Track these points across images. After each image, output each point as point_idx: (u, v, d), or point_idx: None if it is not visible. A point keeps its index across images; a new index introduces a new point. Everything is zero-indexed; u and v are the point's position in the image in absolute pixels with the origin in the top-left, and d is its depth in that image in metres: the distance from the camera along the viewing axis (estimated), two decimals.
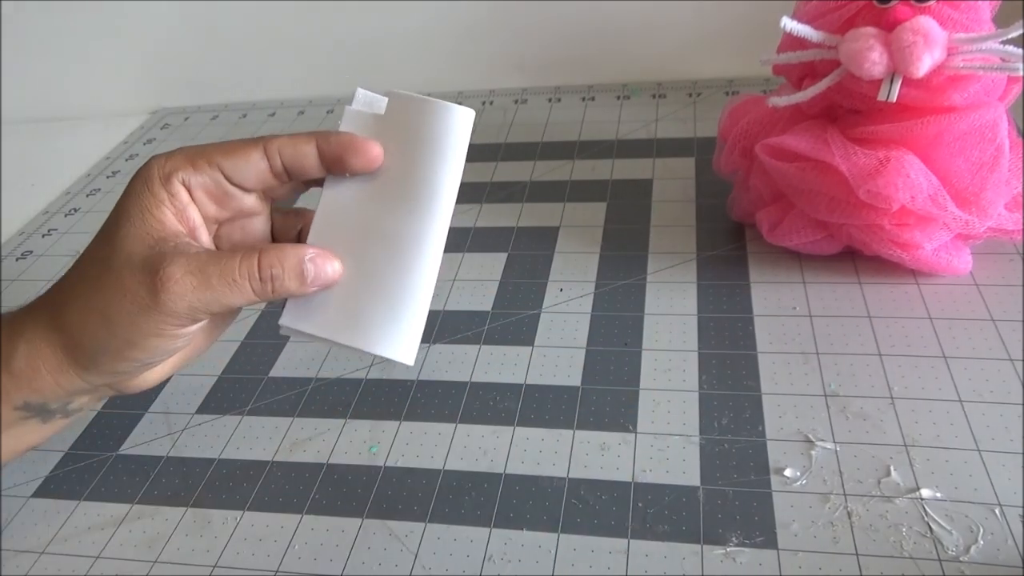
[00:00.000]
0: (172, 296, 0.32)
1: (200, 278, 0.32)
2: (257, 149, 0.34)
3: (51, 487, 0.47)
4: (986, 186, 0.46)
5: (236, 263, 0.33)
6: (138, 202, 0.33)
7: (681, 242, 0.57)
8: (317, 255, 0.35)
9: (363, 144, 0.35)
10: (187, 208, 0.34)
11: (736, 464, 0.41)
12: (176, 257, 0.32)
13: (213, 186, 0.35)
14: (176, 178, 0.34)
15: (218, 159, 0.34)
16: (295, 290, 0.34)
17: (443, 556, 0.39)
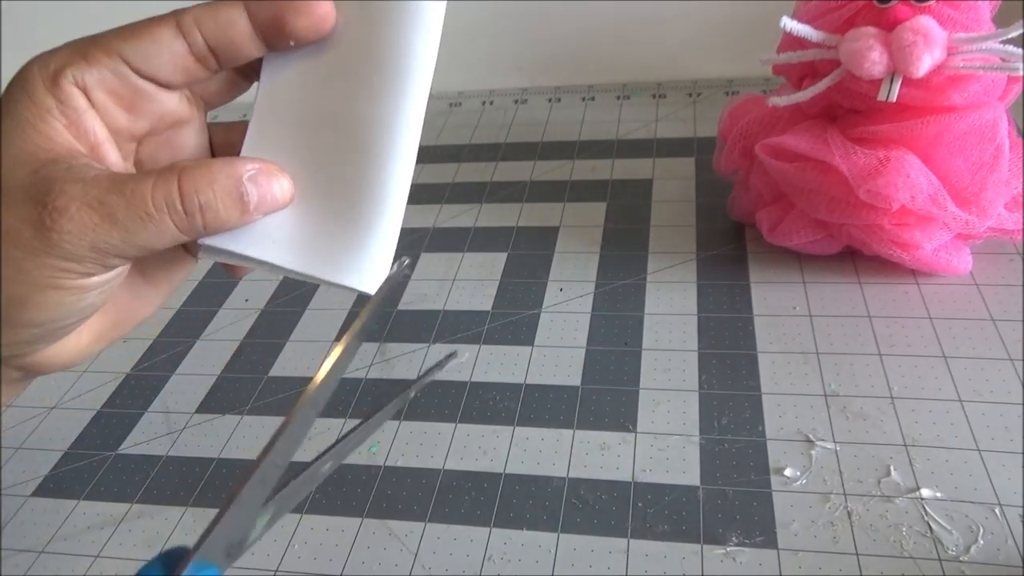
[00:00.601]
0: (67, 235, 0.24)
1: (101, 211, 0.24)
2: (167, 26, 0.26)
3: (51, 486, 0.47)
4: (986, 186, 0.46)
5: (148, 189, 0.25)
6: (15, 115, 0.25)
7: (681, 242, 0.57)
8: (259, 171, 0.27)
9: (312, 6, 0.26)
10: (84, 117, 0.26)
11: (736, 464, 0.41)
12: (69, 183, 0.24)
13: (117, 83, 0.26)
14: (65, 77, 0.25)
15: (118, 46, 0.26)
16: (234, 221, 0.26)
17: (443, 556, 0.39)
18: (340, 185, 0.27)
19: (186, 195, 0.25)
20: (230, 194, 0.26)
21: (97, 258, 0.25)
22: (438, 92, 0.85)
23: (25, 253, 0.24)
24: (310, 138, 0.28)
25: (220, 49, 0.26)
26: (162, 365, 0.54)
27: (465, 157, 0.72)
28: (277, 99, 0.28)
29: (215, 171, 0.26)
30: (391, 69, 0.27)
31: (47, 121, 0.25)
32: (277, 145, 0.28)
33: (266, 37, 0.27)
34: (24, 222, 0.24)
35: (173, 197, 0.25)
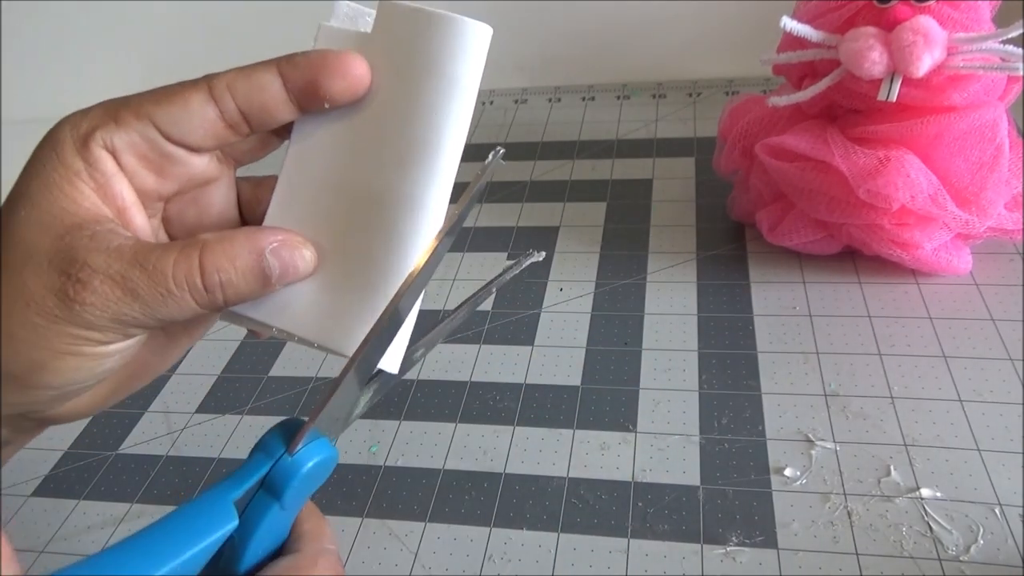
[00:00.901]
0: (89, 306, 0.24)
1: (124, 286, 0.24)
2: (199, 91, 0.26)
3: (51, 486, 0.47)
4: (986, 186, 0.46)
5: (169, 266, 0.24)
6: (44, 176, 0.25)
7: (681, 242, 0.57)
8: (281, 243, 0.26)
9: (342, 61, 0.26)
10: (112, 180, 0.25)
11: (736, 464, 0.41)
12: (93, 254, 0.24)
13: (147, 147, 0.26)
14: (95, 140, 0.25)
15: (149, 110, 0.25)
16: (255, 294, 0.26)
17: (443, 555, 0.39)
18: (364, 259, 0.27)
19: (207, 273, 0.25)
20: (252, 270, 0.25)
21: (118, 328, 0.25)
22: None
23: (47, 320, 0.24)
24: (336, 206, 0.27)
25: (252, 114, 0.26)
26: None
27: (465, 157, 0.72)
28: (306, 162, 0.28)
29: (237, 246, 0.25)
30: (422, 141, 0.26)
31: (75, 184, 0.25)
32: (304, 211, 0.27)
33: (300, 100, 0.26)
34: (47, 290, 0.24)
35: (194, 275, 0.25)
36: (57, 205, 0.25)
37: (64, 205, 0.25)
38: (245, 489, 0.24)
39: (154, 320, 0.25)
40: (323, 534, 0.27)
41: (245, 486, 0.24)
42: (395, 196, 0.27)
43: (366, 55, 0.27)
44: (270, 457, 0.24)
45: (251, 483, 0.24)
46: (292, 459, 0.24)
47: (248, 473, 0.25)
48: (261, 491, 0.24)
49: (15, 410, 0.26)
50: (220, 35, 0.87)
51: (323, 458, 0.25)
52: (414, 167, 0.27)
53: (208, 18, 0.86)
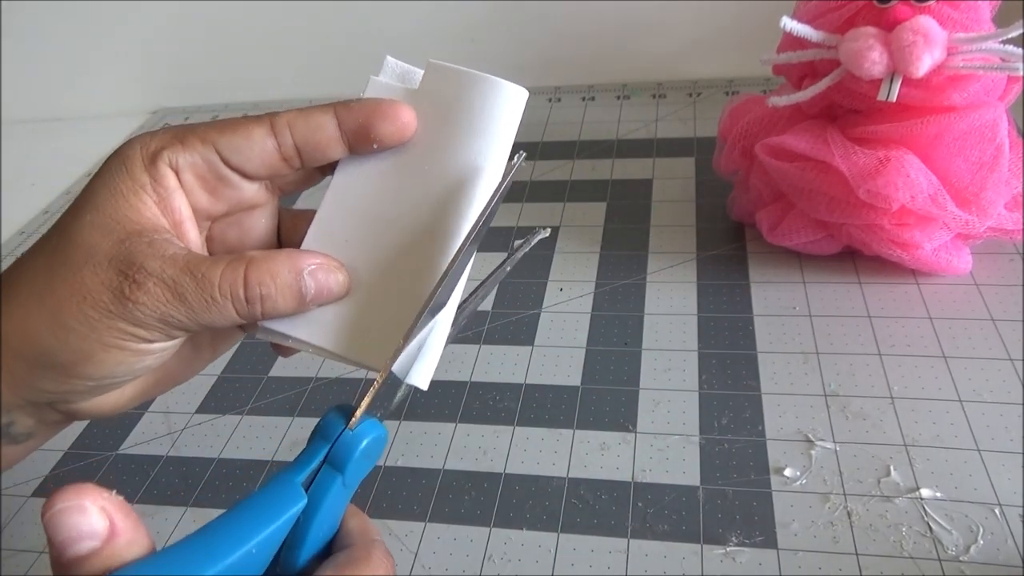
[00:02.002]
0: (141, 305, 0.26)
1: (174, 290, 0.26)
2: (262, 125, 0.29)
3: (51, 486, 0.47)
4: (986, 186, 0.46)
5: (217, 276, 0.27)
6: (112, 185, 0.27)
7: (681, 242, 0.57)
8: (319, 267, 0.29)
9: (392, 108, 0.29)
10: (173, 196, 0.28)
11: (736, 464, 0.41)
12: (150, 259, 0.26)
13: (206, 169, 0.29)
14: (162, 159, 0.28)
15: (213, 137, 0.28)
16: (291, 310, 0.28)
17: (443, 556, 0.39)
18: (394, 282, 0.29)
19: (250, 286, 0.27)
20: (290, 287, 0.28)
21: (163, 328, 0.27)
22: None
23: (100, 315, 0.26)
24: (370, 235, 0.30)
25: (306, 151, 0.29)
26: None
27: None
28: (346, 196, 0.30)
29: (279, 264, 0.28)
30: (457, 192, 0.29)
31: (139, 196, 0.27)
32: (340, 238, 0.30)
33: (351, 141, 0.29)
34: (104, 287, 0.26)
35: (238, 287, 0.27)
36: (121, 212, 0.27)
37: (127, 213, 0.27)
38: (309, 470, 0.26)
39: (196, 325, 0.27)
40: (370, 528, 0.28)
41: (309, 468, 0.26)
42: (429, 231, 0.29)
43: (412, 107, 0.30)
44: (328, 439, 0.26)
45: (314, 465, 0.26)
46: (353, 433, 0.26)
47: (310, 456, 0.26)
48: (325, 467, 0.26)
49: (48, 398, 0.28)
50: (220, 35, 0.87)
51: (379, 434, 0.27)
52: (451, 211, 0.29)
53: (208, 18, 0.86)
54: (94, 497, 0.21)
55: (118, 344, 0.27)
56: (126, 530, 0.22)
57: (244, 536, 0.23)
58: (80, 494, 0.21)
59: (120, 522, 0.22)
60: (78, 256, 0.27)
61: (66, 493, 0.21)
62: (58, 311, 0.27)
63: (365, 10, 0.82)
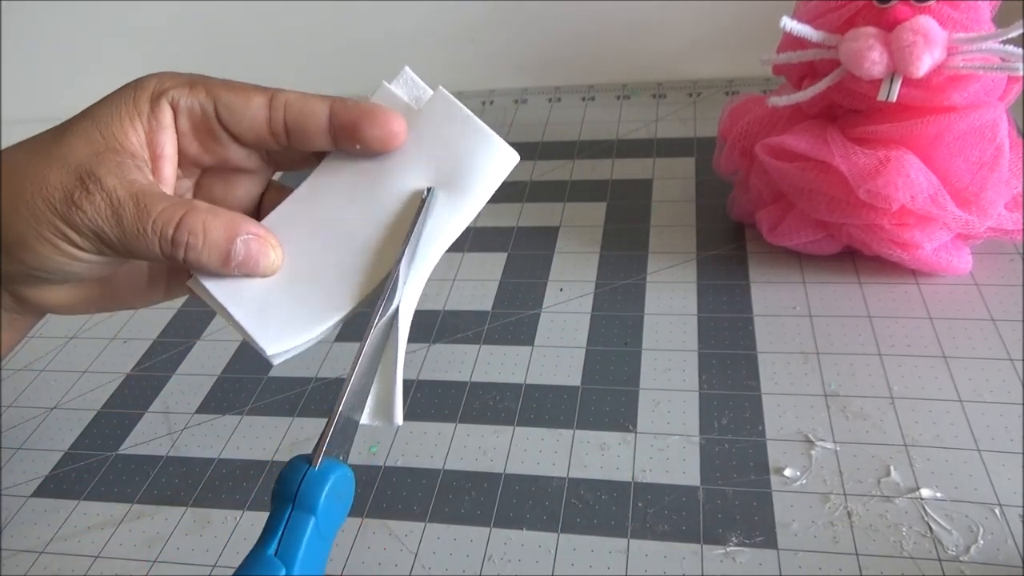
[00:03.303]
0: (81, 212, 0.28)
1: (115, 209, 0.28)
2: (262, 95, 0.30)
3: (51, 486, 0.47)
4: (986, 186, 0.46)
5: (156, 211, 0.28)
6: (114, 104, 0.30)
7: (681, 242, 0.57)
8: (255, 238, 0.29)
9: (385, 115, 0.30)
10: (163, 131, 0.30)
11: (736, 464, 0.41)
12: (110, 177, 0.28)
13: (201, 118, 0.30)
14: (167, 96, 0.30)
15: (217, 91, 0.30)
16: (214, 267, 0.29)
17: (443, 556, 0.39)
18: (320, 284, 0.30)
19: (180, 230, 0.28)
20: (218, 246, 0.29)
21: (94, 241, 0.29)
22: None
23: (46, 208, 0.28)
24: (325, 232, 0.31)
25: (294, 132, 0.30)
26: (162, 365, 0.54)
27: None
28: (321, 187, 0.31)
29: (217, 221, 0.29)
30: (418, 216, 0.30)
31: (133, 121, 0.29)
32: (296, 224, 0.31)
33: (337, 135, 0.30)
34: (60, 186, 0.28)
35: (169, 227, 0.28)
36: (111, 129, 0.29)
37: (115, 132, 0.29)
38: (278, 537, 0.25)
39: (124, 249, 0.29)
40: None
41: (278, 534, 0.25)
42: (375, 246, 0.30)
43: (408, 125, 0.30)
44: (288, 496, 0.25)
45: (281, 528, 0.25)
46: (317, 471, 0.25)
47: (276, 521, 0.25)
48: (295, 514, 0.25)
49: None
50: (220, 35, 0.87)
51: (344, 472, 0.26)
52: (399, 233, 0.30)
53: (208, 18, 0.86)
54: None
55: (51, 240, 0.29)
56: None
57: None
58: None
59: None
60: (56, 153, 0.29)
61: None
62: (18, 194, 0.29)
63: (365, 10, 0.82)
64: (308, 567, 0.25)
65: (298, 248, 0.31)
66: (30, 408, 0.53)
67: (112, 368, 0.55)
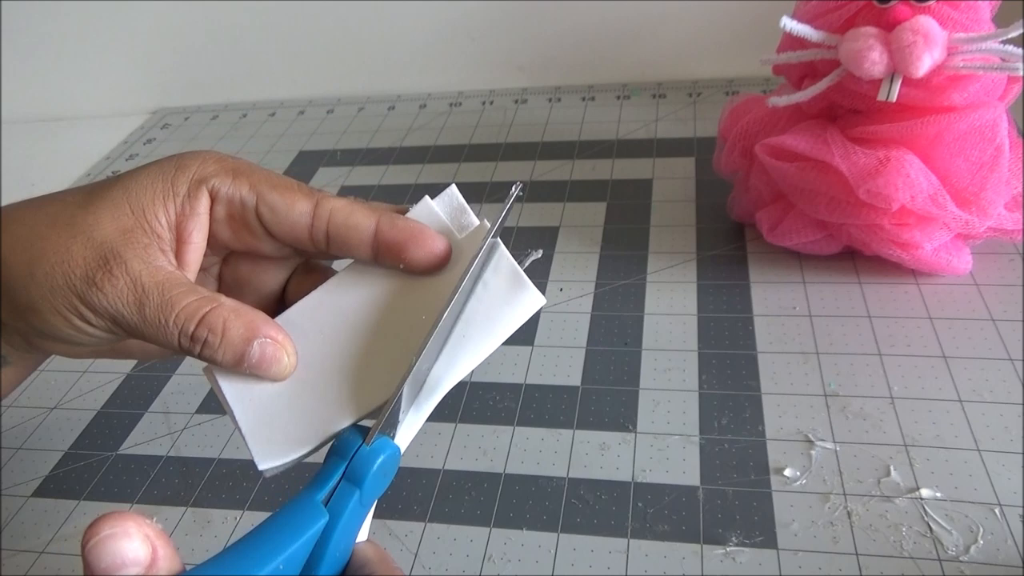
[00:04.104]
0: (102, 295, 0.28)
1: (139, 296, 0.28)
2: (308, 200, 0.30)
3: (51, 487, 0.47)
4: (986, 186, 0.46)
5: (180, 305, 0.28)
6: (152, 178, 0.29)
7: (681, 242, 0.57)
8: (273, 342, 0.29)
9: (434, 239, 0.29)
10: (195, 218, 0.30)
11: (736, 464, 0.41)
12: (136, 261, 0.28)
13: (240, 211, 0.30)
14: (208, 183, 0.29)
15: (262, 188, 0.30)
16: (229, 365, 0.29)
17: (443, 556, 0.39)
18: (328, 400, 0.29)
19: (201, 327, 0.28)
20: (235, 347, 0.28)
21: (110, 322, 0.28)
22: (438, 92, 0.85)
23: (64, 282, 0.28)
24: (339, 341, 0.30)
25: (335, 242, 0.30)
26: (162, 365, 0.54)
27: (465, 157, 0.72)
28: (346, 291, 0.31)
29: (239, 321, 0.28)
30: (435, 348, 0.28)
31: (167, 203, 0.29)
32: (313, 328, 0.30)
33: (380, 252, 0.30)
34: (83, 262, 0.28)
35: (191, 323, 0.28)
36: (140, 205, 0.29)
37: (145, 209, 0.29)
38: (328, 488, 0.26)
39: (138, 334, 0.28)
40: (389, 559, 0.28)
41: (327, 486, 0.26)
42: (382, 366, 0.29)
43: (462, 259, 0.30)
44: (344, 457, 0.27)
45: (332, 483, 0.26)
46: (369, 449, 0.27)
47: (327, 474, 0.26)
48: (343, 483, 0.26)
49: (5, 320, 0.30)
50: (220, 35, 0.87)
51: (393, 451, 0.27)
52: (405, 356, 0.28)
53: (208, 18, 0.86)
54: (138, 524, 0.21)
55: (64, 314, 0.28)
56: (166, 556, 0.22)
57: (271, 554, 0.24)
58: (123, 520, 0.21)
59: (161, 549, 0.21)
60: (82, 223, 0.28)
61: (109, 520, 0.21)
62: (35, 261, 0.28)
63: (365, 10, 0.82)
64: (348, 528, 0.26)
65: (311, 352, 0.30)
66: (30, 408, 0.53)
67: (112, 368, 0.55)
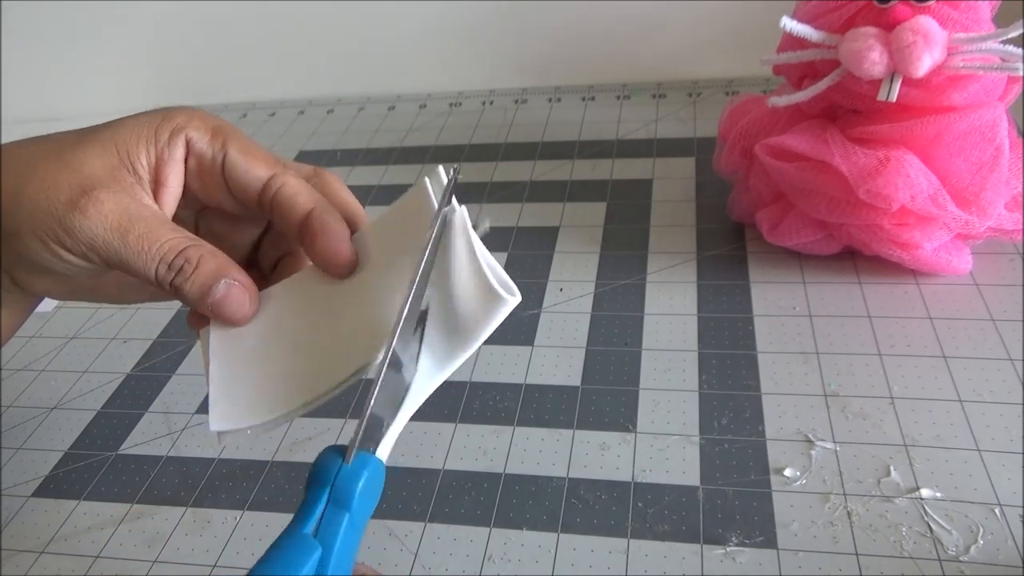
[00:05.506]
0: (85, 219, 0.28)
1: (123, 224, 0.29)
2: (268, 169, 0.31)
3: (51, 486, 0.47)
4: (986, 186, 0.46)
5: (164, 238, 0.29)
6: (135, 126, 0.31)
7: (681, 242, 0.57)
8: (236, 286, 0.30)
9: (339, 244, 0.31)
10: (172, 163, 0.31)
11: (736, 464, 0.41)
12: (123, 193, 0.29)
13: (209, 165, 0.31)
14: (187, 132, 0.31)
15: (231, 148, 0.31)
16: (193, 300, 0.30)
17: (443, 556, 0.39)
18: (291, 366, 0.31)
19: (179, 256, 0.29)
20: (204, 279, 0.30)
21: (87, 248, 0.29)
22: (438, 92, 0.85)
23: (47, 206, 0.29)
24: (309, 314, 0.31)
25: (275, 213, 0.31)
26: (162, 365, 0.54)
27: (465, 157, 0.72)
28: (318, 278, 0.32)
29: (213, 260, 0.30)
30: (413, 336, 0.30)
31: (148, 148, 0.30)
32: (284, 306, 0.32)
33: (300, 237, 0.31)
34: (67, 188, 0.29)
35: (172, 253, 0.29)
36: (125, 147, 0.30)
37: (130, 150, 0.30)
38: (314, 519, 0.25)
39: (117, 260, 0.29)
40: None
41: (313, 516, 0.25)
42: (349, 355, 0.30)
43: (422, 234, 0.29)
44: (326, 483, 0.25)
45: (317, 512, 0.25)
46: (351, 468, 0.26)
47: (311, 504, 0.25)
48: (330, 508, 0.25)
49: None
50: (220, 35, 0.87)
51: (377, 467, 0.26)
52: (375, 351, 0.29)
53: (208, 18, 0.86)
54: None
55: (43, 238, 0.29)
56: None
57: None
58: None
59: None
60: (70, 159, 0.29)
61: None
62: (23, 187, 0.29)
63: (365, 10, 0.82)
64: (343, 554, 0.25)
65: (283, 328, 0.31)
66: (30, 408, 0.53)
67: (112, 368, 0.55)
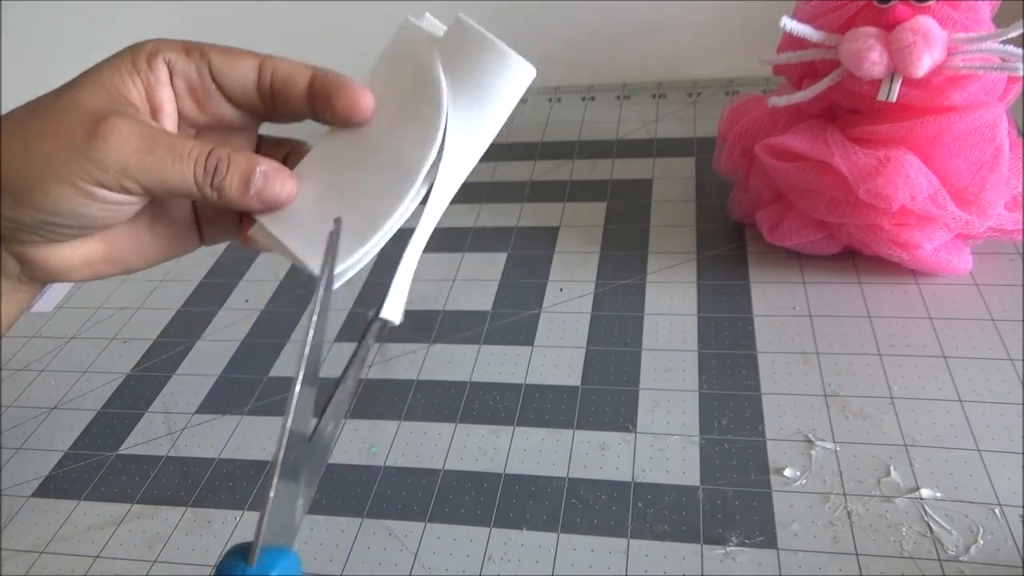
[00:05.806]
0: (109, 145, 0.28)
1: (147, 142, 0.29)
2: (253, 59, 0.32)
3: (51, 487, 0.47)
4: (986, 186, 0.46)
5: (188, 145, 0.30)
6: (114, 64, 0.31)
7: (681, 242, 0.57)
8: (270, 170, 0.32)
9: (356, 90, 0.32)
10: (160, 87, 0.31)
11: (736, 464, 0.41)
12: (129, 119, 0.29)
13: (196, 79, 0.32)
14: (161, 57, 0.31)
15: (211, 53, 0.32)
16: (236, 195, 0.31)
17: (443, 556, 0.39)
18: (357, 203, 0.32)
19: (211, 157, 0.30)
20: (242, 172, 0.31)
21: (122, 176, 0.29)
22: None
23: (66, 148, 0.28)
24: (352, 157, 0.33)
25: (280, 92, 0.32)
26: (162, 365, 0.54)
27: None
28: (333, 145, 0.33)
29: (240, 156, 0.31)
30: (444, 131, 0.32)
31: (133, 78, 0.31)
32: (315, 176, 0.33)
33: (313, 102, 0.32)
34: (80, 126, 0.29)
35: (202, 155, 0.30)
36: (114, 83, 0.30)
37: (119, 87, 0.30)
38: None
39: (155, 179, 0.29)
40: None
41: None
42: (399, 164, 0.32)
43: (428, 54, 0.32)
44: None
45: None
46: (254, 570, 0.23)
47: None
48: None
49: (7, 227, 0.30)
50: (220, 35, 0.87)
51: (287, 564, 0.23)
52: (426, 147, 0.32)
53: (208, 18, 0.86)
54: None
55: (70, 179, 0.28)
56: None
57: None
58: None
59: None
60: (64, 105, 0.30)
61: None
62: (30, 144, 0.29)
63: (365, 10, 0.82)
64: None
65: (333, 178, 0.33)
66: (30, 408, 0.53)
67: (112, 368, 0.55)
